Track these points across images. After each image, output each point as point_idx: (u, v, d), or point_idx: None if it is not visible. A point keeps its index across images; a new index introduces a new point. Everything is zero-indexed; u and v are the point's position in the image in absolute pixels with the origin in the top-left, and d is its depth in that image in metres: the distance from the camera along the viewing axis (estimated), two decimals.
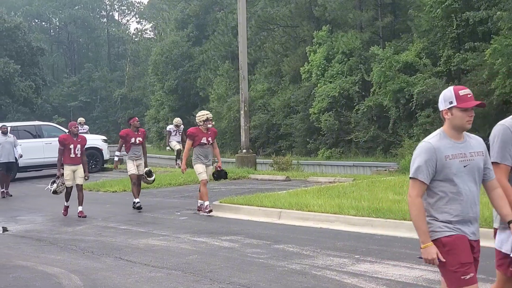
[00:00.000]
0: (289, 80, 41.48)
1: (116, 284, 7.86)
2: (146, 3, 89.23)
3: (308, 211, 11.80)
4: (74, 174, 14.22)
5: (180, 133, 23.79)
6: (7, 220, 14.37)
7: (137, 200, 14.59)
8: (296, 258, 8.79)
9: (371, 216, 10.72)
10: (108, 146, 26.01)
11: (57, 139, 21.29)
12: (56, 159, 14.72)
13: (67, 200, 14.30)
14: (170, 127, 24.30)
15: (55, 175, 14.56)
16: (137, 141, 14.69)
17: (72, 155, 14.16)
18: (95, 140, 24.92)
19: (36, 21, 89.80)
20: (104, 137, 27.73)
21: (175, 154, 23.97)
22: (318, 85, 36.19)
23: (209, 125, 13.51)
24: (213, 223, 12.32)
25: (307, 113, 36.72)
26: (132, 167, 14.65)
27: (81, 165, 14.32)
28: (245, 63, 22.76)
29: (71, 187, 14.26)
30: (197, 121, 13.64)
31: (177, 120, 24.40)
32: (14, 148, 19.18)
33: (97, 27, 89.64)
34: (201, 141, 13.30)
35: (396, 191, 13.29)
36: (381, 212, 10.71)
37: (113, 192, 18.34)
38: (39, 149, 23.29)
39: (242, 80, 22.53)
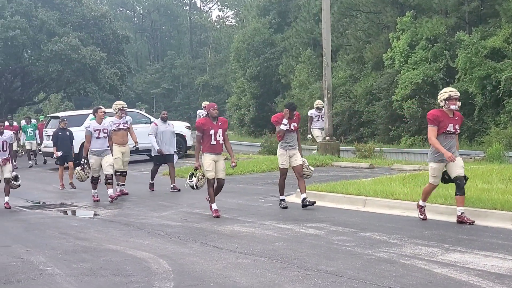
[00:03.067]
0: (371, 67, 40.95)
1: (204, 269, 7.95)
2: None
3: (394, 199, 11.67)
4: (216, 164, 12.15)
5: (323, 118, 22.57)
6: (95, 205, 14.74)
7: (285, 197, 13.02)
8: (383, 246, 8.70)
9: None
10: (191, 133, 26.31)
11: (142, 125, 21.73)
12: (147, 145, 15.19)
13: (212, 201, 12.16)
14: (311, 112, 22.87)
15: (195, 168, 12.26)
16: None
17: (213, 142, 12.08)
18: (179, 126, 25.19)
19: (121, 9, 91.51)
20: (188, 124, 28.11)
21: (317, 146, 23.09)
22: (401, 72, 35.58)
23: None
24: (298, 210, 12.31)
25: (390, 100, 36.18)
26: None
27: (221, 155, 12.31)
28: (329, 50, 22.60)
29: (214, 179, 12.11)
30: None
31: (318, 102, 22.81)
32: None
33: (180, 14, 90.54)
34: None
35: (485, 179, 13.00)
36: (470, 201, 10.47)
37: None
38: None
39: (326, 67, 22.39)
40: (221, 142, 12.10)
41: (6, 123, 25.74)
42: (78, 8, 46.23)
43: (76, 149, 20.11)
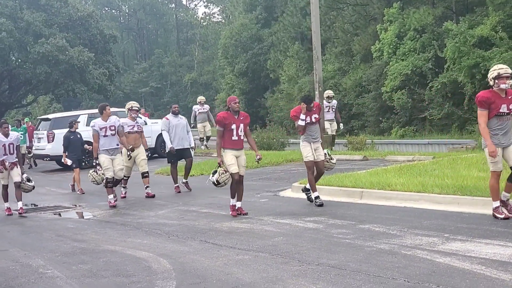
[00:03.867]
0: (360, 59, 40.99)
1: (205, 267, 7.92)
2: None
3: (391, 190, 11.68)
4: (237, 160, 11.58)
5: (333, 109, 22.34)
6: (90, 206, 14.68)
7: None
8: (383, 237, 8.69)
9: (456, 194, 10.52)
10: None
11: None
12: None
13: (233, 197, 11.67)
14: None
15: (218, 164, 11.62)
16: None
17: (235, 137, 11.49)
18: None
19: (106, 9, 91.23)
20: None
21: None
22: (390, 63, 35.64)
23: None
24: (295, 204, 12.30)
25: (379, 92, 36.24)
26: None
27: (243, 150, 11.76)
28: (319, 43, 22.55)
29: (237, 174, 11.53)
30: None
31: (328, 92, 22.68)
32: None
33: (166, 12, 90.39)
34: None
35: (480, 168, 13.00)
36: (467, 190, 10.50)
37: (191, 176, 18.44)
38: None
39: (316, 60, 22.34)
40: (242, 137, 11.54)
41: None
42: (64, 9, 46.05)
43: (76, 152, 18.49)
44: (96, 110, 28.21)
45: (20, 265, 8.77)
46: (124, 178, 15.16)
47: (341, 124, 23.06)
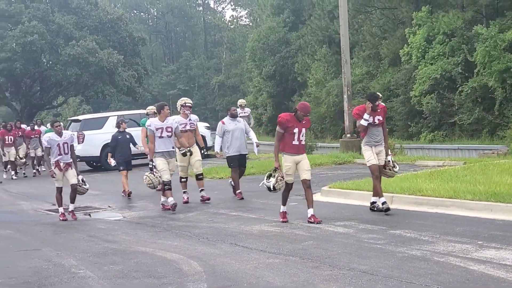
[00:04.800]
0: (388, 63, 40.79)
1: (236, 270, 7.93)
2: None
3: (422, 195, 11.59)
4: (298, 165, 10.94)
5: None
6: (121, 207, 14.77)
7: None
8: (415, 243, 8.64)
9: (489, 200, 10.41)
10: (211, 133, 26.31)
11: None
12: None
13: (284, 204, 11.16)
14: None
15: (275, 168, 10.99)
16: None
17: (295, 142, 10.85)
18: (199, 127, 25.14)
19: (135, 12, 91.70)
20: (207, 124, 28.13)
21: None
22: (419, 67, 35.43)
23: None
24: (324, 208, 12.25)
25: (408, 96, 36.05)
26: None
27: (304, 154, 11.14)
28: (347, 47, 22.53)
29: (292, 184, 11.07)
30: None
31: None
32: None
33: (194, 15, 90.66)
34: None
35: None
36: (500, 197, 10.38)
37: (219, 178, 18.51)
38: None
39: (345, 64, 22.31)
40: (303, 142, 10.93)
41: (27, 127, 25.82)
42: (94, 12, 46.40)
43: (124, 153, 16.89)
44: (126, 112, 28.48)
45: (53, 265, 8.86)
46: (182, 180, 14.55)
47: None
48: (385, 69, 40.98)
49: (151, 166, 13.56)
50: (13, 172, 24.36)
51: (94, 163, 25.06)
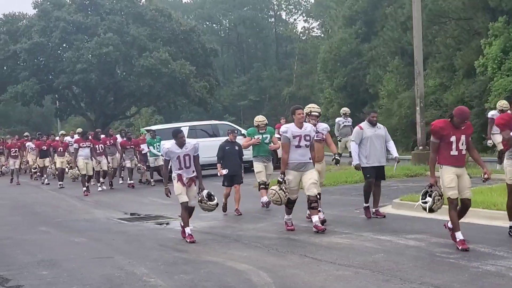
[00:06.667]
0: (462, 74, 40.01)
1: (305, 281, 7.91)
2: (313, 1, 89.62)
3: (497, 209, 11.34)
4: (459, 180, 9.45)
5: None
6: (192, 217, 14.86)
7: None
8: (489, 258, 8.44)
9: None
10: None
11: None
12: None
13: (456, 229, 9.35)
14: (492, 113, 19.62)
15: (430, 185, 9.54)
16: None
17: (454, 152, 9.35)
18: None
19: (207, 23, 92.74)
20: (279, 135, 28.09)
21: None
22: (495, 79, 34.65)
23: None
24: (395, 221, 12.12)
25: (483, 108, 35.30)
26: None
27: (464, 167, 9.64)
28: (421, 58, 22.28)
29: (457, 199, 9.47)
30: None
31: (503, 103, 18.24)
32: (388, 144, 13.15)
33: (265, 27, 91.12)
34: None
35: None
36: None
37: None
38: (216, 148, 23.61)
39: (418, 75, 22.06)
40: (464, 152, 9.40)
41: (101, 135, 25.42)
42: (168, 24, 47.23)
43: (230, 167, 15.05)
44: (197, 122, 28.67)
45: (125, 273, 9.00)
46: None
47: None
48: (459, 80, 40.22)
49: (280, 179, 11.44)
50: (99, 183, 23.15)
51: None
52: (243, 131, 25.17)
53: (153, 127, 27.52)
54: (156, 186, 23.62)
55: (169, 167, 11.78)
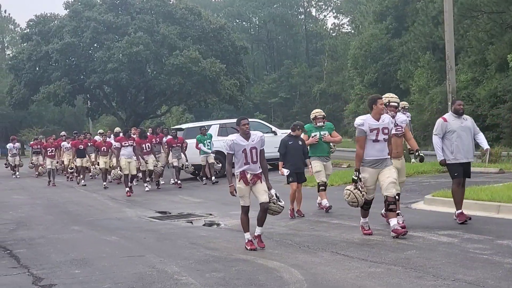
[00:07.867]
0: (495, 68, 39.58)
1: (337, 279, 7.86)
2: None
3: None
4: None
5: None
6: (222, 215, 14.91)
7: None
8: None
9: None
10: None
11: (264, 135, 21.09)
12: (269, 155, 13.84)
13: None
14: None
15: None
16: None
17: None
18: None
19: (237, 21, 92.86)
20: None
21: None
22: None
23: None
24: (427, 217, 12.01)
25: None
26: None
27: None
28: (452, 53, 22.02)
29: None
30: None
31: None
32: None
33: (295, 23, 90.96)
34: None
35: None
36: None
37: (329, 186, 18.35)
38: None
39: (449, 70, 21.82)
40: None
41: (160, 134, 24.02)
42: (198, 22, 47.28)
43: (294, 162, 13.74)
44: (227, 120, 28.60)
45: (157, 271, 9.02)
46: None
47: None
48: (491, 74, 39.79)
49: (355, 177, 10.42)
50: (146, 183, 22.45)
51: (197, 171, 25.19)
52: (274, 128, 25.11)
53: (183, 126, 27.50)
54: (186, 184, 23.71)
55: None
